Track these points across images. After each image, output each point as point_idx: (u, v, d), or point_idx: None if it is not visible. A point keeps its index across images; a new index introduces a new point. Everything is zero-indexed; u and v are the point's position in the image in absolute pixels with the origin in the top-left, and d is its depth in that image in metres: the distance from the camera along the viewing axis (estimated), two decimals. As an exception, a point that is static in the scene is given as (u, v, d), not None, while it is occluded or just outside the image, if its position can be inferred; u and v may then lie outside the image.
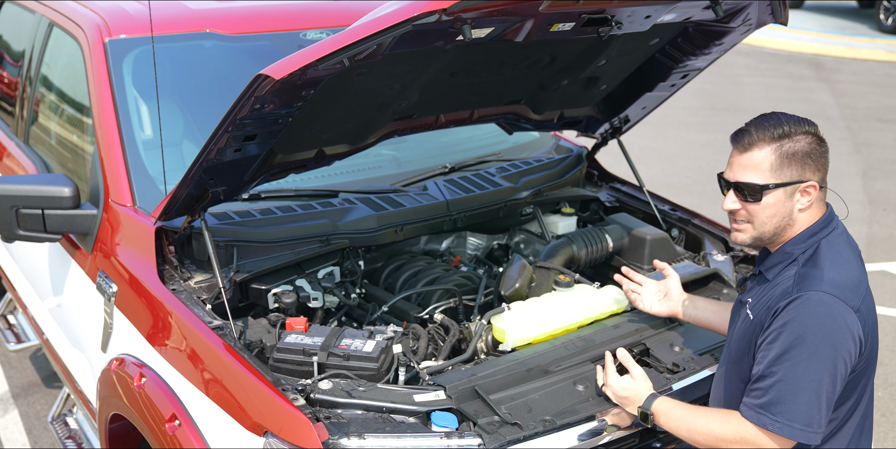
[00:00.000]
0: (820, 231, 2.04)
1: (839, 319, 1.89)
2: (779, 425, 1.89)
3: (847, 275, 1.97)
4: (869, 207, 7.06)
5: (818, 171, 2.01)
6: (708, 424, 2.01)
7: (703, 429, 2.01)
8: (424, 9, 1.92)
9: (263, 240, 2.69)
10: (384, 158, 3.39)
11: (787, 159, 1.98)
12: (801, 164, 1.98)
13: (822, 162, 2.02)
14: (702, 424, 2.02)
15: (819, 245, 2.02)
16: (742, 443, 1.95)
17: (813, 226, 2.04)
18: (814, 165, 2.00)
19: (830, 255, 2.00)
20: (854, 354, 1.91)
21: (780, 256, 2.07)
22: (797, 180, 1.99)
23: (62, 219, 2.79)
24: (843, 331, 1.89)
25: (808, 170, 1.99)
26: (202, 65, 3.30)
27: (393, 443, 2.00)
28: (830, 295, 1.90)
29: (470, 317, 2.77)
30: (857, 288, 1.96)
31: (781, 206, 2.01)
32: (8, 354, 4.74)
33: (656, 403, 2.11)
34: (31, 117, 3.73)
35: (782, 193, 2.00)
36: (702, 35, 2.82)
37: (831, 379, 1.89)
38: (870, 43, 13.94)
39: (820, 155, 2.01)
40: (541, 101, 3.08)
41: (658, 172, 7.61)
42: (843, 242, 2.05)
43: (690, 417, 2.05)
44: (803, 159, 1.98)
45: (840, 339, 1.88)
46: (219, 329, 2.32)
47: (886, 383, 4.55)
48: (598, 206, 3.49)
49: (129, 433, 2.73)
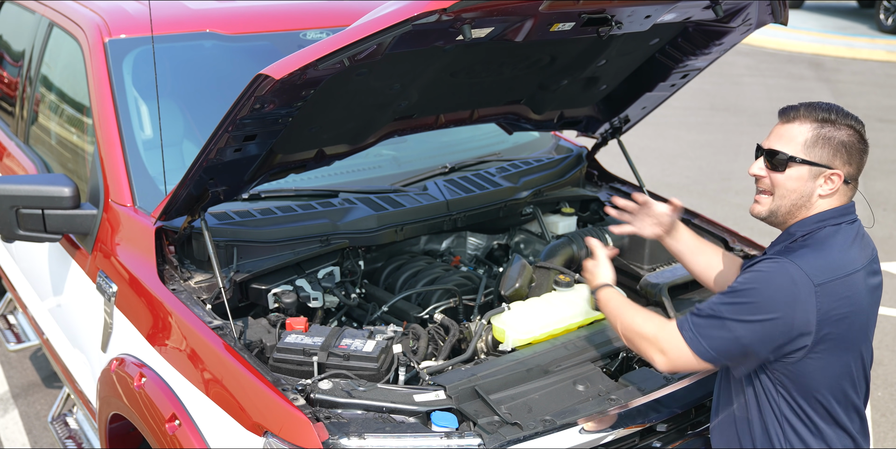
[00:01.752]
0: (829, 219, 2.06)
1: (795, 287, 1.94)
2: (690, 334, 2.01)
3: (828, 257, 2.00)
4: (869, 207, 7.06)
5: (849, 164, 2.04)
6: (635, 316, 2.16)
7: (629, 319, 2.16)
8: (424, 9, 1.92)
9: (263, 240, 2.69)
10: (384, 158, 3.39)
11: (822, 141, 2.02)
12: (833, 150, 2.02)
13: (855, 157, 2.04)
14: (630, 314, 2.17)
15: (822, 230, 2.05)
16: (654, 341, 2.07)
17: (824, 212, 2.07)
18: (846, 157, 2.03)
19: (825, 239, 2.03)
20: (799, 321, 1.94)
21: (783, 236, 2.12)
22: (825, 164, 2.02)
23: (62, 219, 2.79)
24: (793, 298, 1.93)
25: (838, 158, 2.02)
26: (202, 65, 3.30)
27: (393, 443, 2.00)
28: (793, 263, 1.96)
29: (470, 317, 2.77)
30: (832, 269, 1.98)
31: (803, 183, 2.05)
32: (8, 354, 4.74)
33: (603, 291, 2.29)
34: (31, 117, 3.73)
35: (807, 171, 2.04)
36: (702, 35, 2.83)
37: (755, 331, 1.95)
38: (870, 43, 13.94)
39: (857, 151, 2.04)
40: (541, 101, 3.09)
41: (658, 172, 7.61)
42: (848, 234, 2.06)
43: (625, 308, 2.21)
44: (837, 147, 2.02)
45: (786, 303, 1.93)
46: (219, 329, 2.32)
47: (886, 383, 4.55)
48: (598, 206, 3.49)
49: (129, 433, 2.73)
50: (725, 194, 7.11)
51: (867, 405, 2.17)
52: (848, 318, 2.00)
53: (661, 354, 2.06)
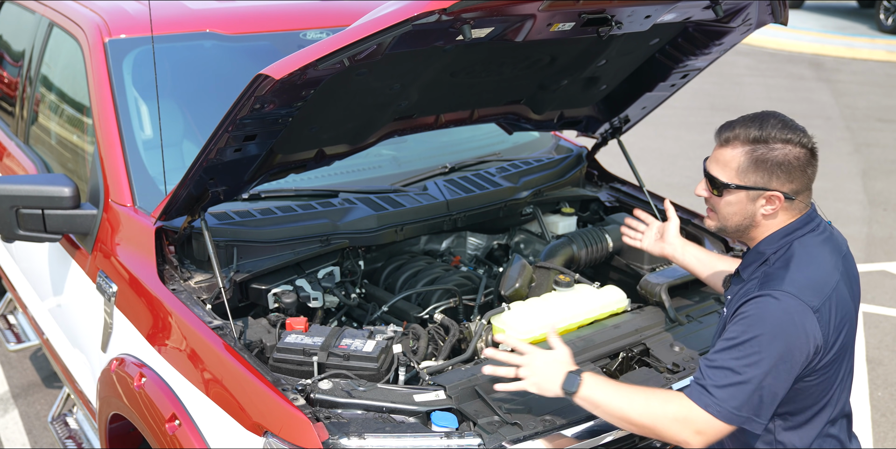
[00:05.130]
0: (794, 232, 2.04)
1: (795, 317, 1.90)
2: (719, 408, 1.90)
3: (812, 275, 1.97)
4: (869, 207, 7.06)
5: (790, 182, 1.97)
6: (647, 401, 1.95)
7: (641, 404, 1.95)
8: (424, 9, 1.92)
9: (263, 240, 2.69)
10: (384, 158, 3.39)
11: (755, 164, 1.97)
12: (769, 172, 1.96)
13: (796, 174, 1.97)
14: (640, 398, 1.96)
15: (791, 245, 2.03)
16: (680, 423, 1.92)
17: (787, 226, 2.04)
18: (784, 176, 1.97)
19: (801, 255, 2.00)
20: (808, 352, 1.92)
21: (753, 255, 2.09)
22: (761, 187, 1.98)
23: (62, 219, 2.79)
24: (798, 329, 1.90)
25: (775, 179, 1.97)
26: (202, 65, 3.30)
27: (393, 443, 2.00)
28: (789, 294, 1.92)
29: (470, 317, 2.77)
30: (821, 288, 1.95)
31: (743, 206, 2.02)
32: (8, 354, 4.74)
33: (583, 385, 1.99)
34: (31, 117, 3.73)
35: (744, 196, 2.01)
36: (702, 35, 2.82)
37: (775, 374, 1.90)
38: (870, 43, 13.94)
39: (796, 167, 1.96)
40: (541, 101, 3.08)
41: (658, 172, 7.61)
42: (819, 243, 2.04)
43: (626, 393, 1.98)
44: (773, 168, 1.96)
45: (793, 335, 1.90)
46: (219, 329, 2.32)
47: (887, 383, 4.55)
48: (598, 206, 3.49)
49: (129, 433, 2.73)
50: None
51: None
52: (844, 326, 1.99)
53: (699, 435, 1.92)
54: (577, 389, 2.00)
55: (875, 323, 5.16)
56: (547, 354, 2.08)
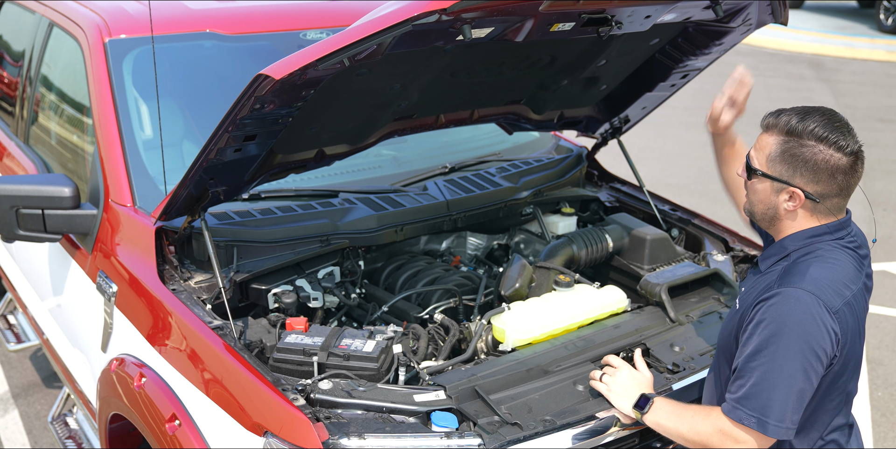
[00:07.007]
0: (822, 235, 2.02)
1: (816, 316, 1.89)
2: (754, 420, 1.91)
3: (834, 277, 1.95)
4: (869, 207, 7.06)
5: (814, 183, 1.95)
6: (693, 419, 2.03)
7: (688, 426, 2.03)
8: (424, 9, 1.92)
9: (263, 240, 2.69)
10: (384, 158, 3.39)
11: (783, 156, 1.97)
12: (793, 167, 1.96)
13: (822, 177, 1.94)
14: (688, 421, 2.03)
15: (816, 246, 2.01)
16: (720, 437, 1.96)
17: (814, 228, 2.02)
18: (809, 176, 1.95)
19: (825, 257, 1.99)
20: (829, 351, 1.91)
21: (776, 248, 2.08)
22: (784, 180, 1.98)
23: (62, 219, 2.79)
24: (819, 327, 1.89)
25: (798, 176, 1.96)
26: (202, 65, 3.30)
27: (393, 443, 2.00)
28: (809, 292, 1.90)
29: (470, 317, 2.77)
30: (840, 290, 1.94)
31: (767, 196, 2.03)
32: (8, 354, 4.74)
33: (653, 408, 2.11)
34: (31, 117, 3.73)
35: (769, 185, 2.01)
36: (702, 35, 2.82)
37: (805, 375, 1.89)
38: (870, 43, 13.94)
39: (823, 170, 1.93)
40: (541, 101, 3.08)
41: (658, 172, 7.61)
42: (846, 253, 2.02)
43: (678, 417, 2.06)
44: (798, 164, 1.95)
45: (815, 335, 1.88)
46: (219, 329, 2.32)
47: (887, 383, 4.55)
48: (598, 206, 3.49)
49: (129, 433, 2.73)
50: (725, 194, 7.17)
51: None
52: (856, 337, 1.99)
53: (742, 443, 1.95)
54: (646, 411, 2.12)
55: (875, 323, 5.16)
56: (633, 373, 2.24)
